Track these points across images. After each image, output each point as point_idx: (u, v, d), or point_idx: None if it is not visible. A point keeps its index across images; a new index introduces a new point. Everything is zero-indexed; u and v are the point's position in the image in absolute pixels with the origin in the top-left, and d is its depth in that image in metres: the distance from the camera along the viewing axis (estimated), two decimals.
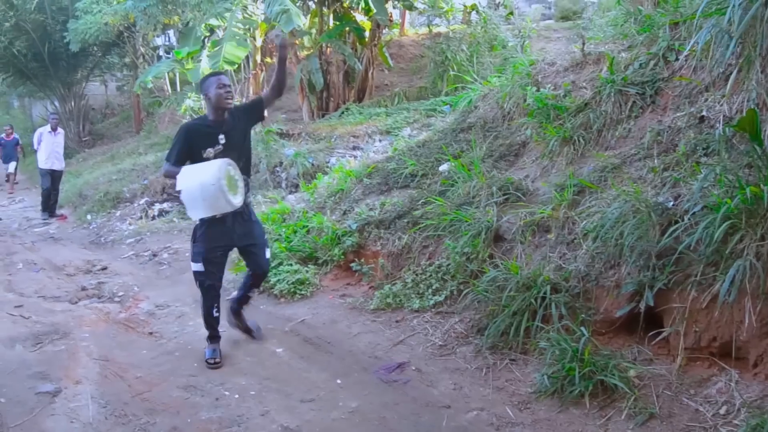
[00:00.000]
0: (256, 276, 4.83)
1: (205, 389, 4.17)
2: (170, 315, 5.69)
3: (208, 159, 4.35)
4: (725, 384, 3.49)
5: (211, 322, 4.65)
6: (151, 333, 5.28)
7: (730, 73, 4.29)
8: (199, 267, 4.53)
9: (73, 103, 22.74)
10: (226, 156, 4.35)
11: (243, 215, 4.55)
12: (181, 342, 5.03)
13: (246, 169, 4.59)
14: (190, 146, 4.42)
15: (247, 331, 4.95)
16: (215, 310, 4.62)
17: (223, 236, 4.52)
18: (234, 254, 6.88)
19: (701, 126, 4.56)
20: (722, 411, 3.35)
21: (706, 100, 4.66)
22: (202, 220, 4.47)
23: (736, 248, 3.48)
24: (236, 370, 4.47)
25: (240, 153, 4.53)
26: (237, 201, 4.26)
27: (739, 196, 3.45)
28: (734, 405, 3.34)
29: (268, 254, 4.79)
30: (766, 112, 3.56)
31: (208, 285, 4.57)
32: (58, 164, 12.45)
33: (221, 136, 4.42)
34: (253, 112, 4.74)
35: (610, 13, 7.68)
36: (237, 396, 4.08)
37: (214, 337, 4.69)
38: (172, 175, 4.32)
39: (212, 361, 4.54)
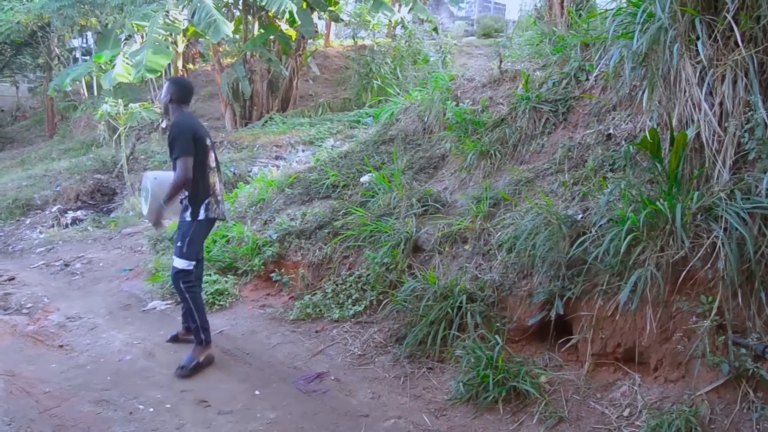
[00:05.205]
0: None
1: (119, 403, 4.05)
2: (82, 327, 5.48)
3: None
4: (629, 387, 3.69)
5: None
6: (61, 346, 5.08)
7: (635, 94, 4.54)
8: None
9: None
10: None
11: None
12: (94, 355, 4.86)
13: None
14: None
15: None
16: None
17: None
18: (151, 264, 6.80)
19: (608, 143, 4.81)
20: (626, 413, 3.55)
21: (613, 118, 4.92)
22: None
23: (638, 259, 3.68)
24: (151, 383, 4.36)
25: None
26: (143, 209, 4.81)
27: (643, 212, 3.64)
28: (636, 407, 3.54)
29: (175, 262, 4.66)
30: (667, 132, 3.77)
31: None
32: None
33: None
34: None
35: (528, 32, 7.97)
36: (152, 410, 3.97)
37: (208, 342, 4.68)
38: None
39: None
